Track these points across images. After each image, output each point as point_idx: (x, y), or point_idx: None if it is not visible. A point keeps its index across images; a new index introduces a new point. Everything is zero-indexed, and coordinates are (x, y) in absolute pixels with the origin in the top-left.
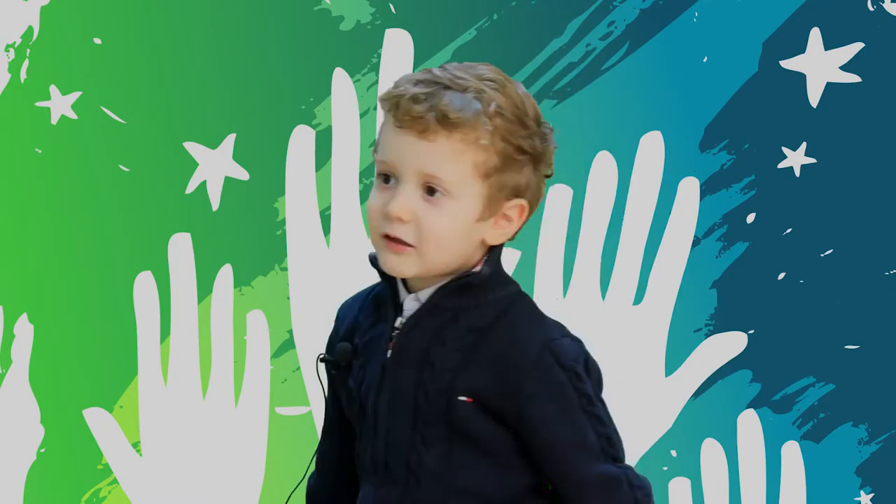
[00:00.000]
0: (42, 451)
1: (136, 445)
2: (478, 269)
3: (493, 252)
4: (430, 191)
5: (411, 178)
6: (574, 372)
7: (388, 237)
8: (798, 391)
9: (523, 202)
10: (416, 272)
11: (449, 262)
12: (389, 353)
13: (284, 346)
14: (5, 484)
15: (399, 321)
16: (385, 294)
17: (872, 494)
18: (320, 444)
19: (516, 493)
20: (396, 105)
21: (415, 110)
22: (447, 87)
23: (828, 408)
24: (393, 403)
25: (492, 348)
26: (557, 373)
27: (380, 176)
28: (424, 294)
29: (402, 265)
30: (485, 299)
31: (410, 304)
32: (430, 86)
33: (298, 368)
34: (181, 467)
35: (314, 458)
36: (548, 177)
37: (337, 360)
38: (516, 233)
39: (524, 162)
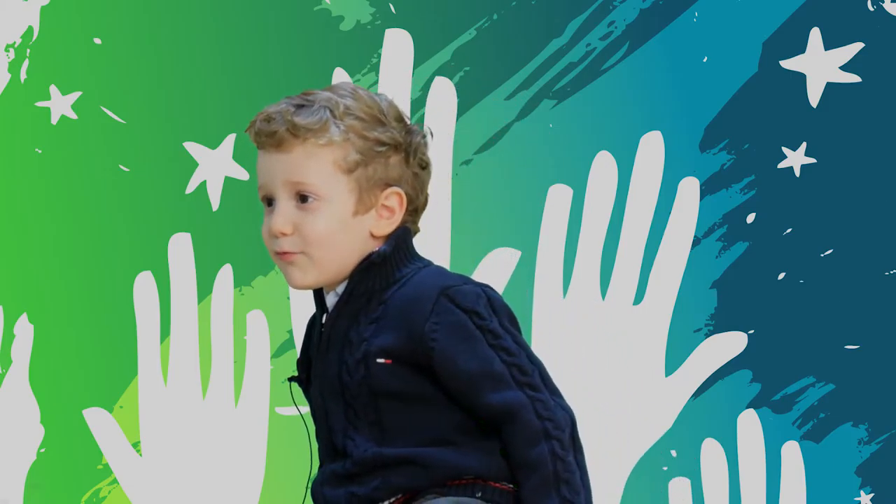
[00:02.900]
0: (42, 451)
1: (136, 445)
2: (375, 249)
3: (394, 233)
4: (303, 198)
5: (283, 192)
6: (474, 311)
7: (278, 253)
8: (798, 391)
9: (398, 190)
10: (316, 278)
11: (342, 258)
12: (319, 345)
13: (284, 346)
14: (5, 484)
15: (324, 317)
16: (316, 300)
17: (872, 494)
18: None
19: (446, 439)
20: (256, 131)
21: (267, 129)
22: (298, 106)
23: (828, 408)
24: (324, 388)
25: (396, 307)
26: (456, 313)
27: (263, 202)
28: (341, 287)
29: (300, 275)
30: (394, 277)
31: (332, 300)
32: (281, 106)
33: None
34: (181, 467)
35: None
36: (424, 168)
37: (299, 375)
38: (406, 221)
39: (387, 153)
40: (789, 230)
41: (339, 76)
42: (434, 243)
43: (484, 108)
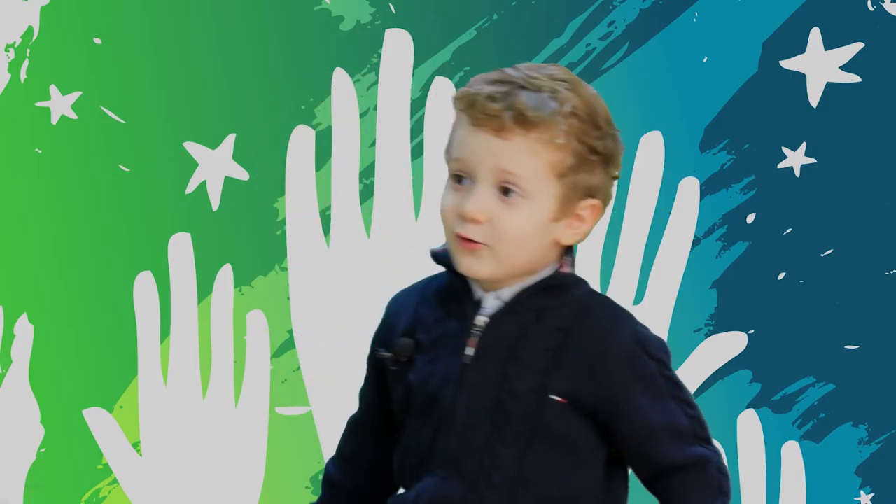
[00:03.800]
0: (42, 451)
1: (136, 445)
2: (566, 270)
3: (571, 252)
4: (505, 191)
5: (486, 178)
6: (661, 361)
7: (461, 237)
8: (798, 391)
9: (596, 202)
10: (491, 272)
11: (524, 262)
12: (471, 350)
13: (284, 346)
14: (5, 484)
15: (481, 319)
16: (458, 290)
17: (872, 494)
18: (354, 441)
19: (585, 492)
20: (472, 104)
21: (491, 108)
22: (522, 87)
23: (828, 408)
24: (473, 401)
25: (582, 347)
26: (647, 364)
27: (453, 176)
28: (507, 293)
29: (477, 265)
30: (566, 299)
31: (492, 303)
32: (505, 85)
33: (298, 368)
34: (181, 467)
35: (341, 449)
36: (615, 178)
37: (398, 355)
38: (588, 233)
39: (597, 162)
40: (789, 230)
41: (339, 76)
42: (434, 243)
43: None
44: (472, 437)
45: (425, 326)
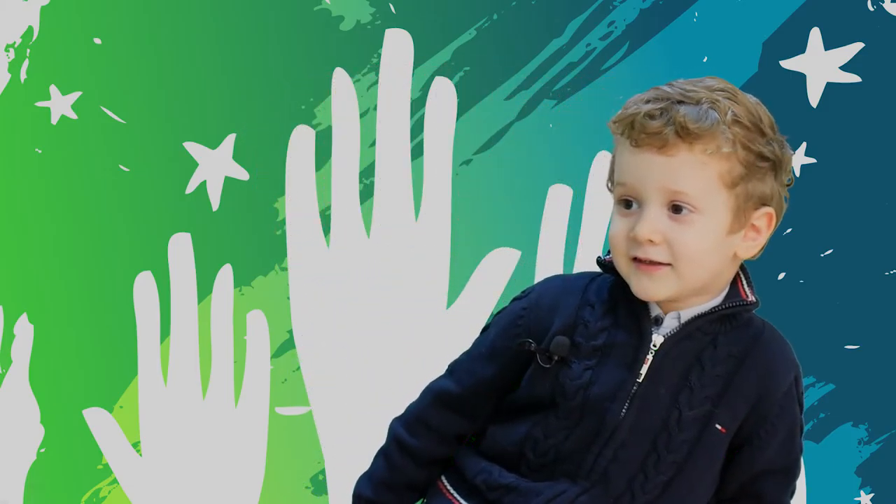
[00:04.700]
0: (42, 451)
1: (136, 445)
2: (750, 299)
3: (746, 273)
4: (676, 209)
5: (655, 198)
6: (802, 406)
7: (638, 260)
8: None
9: (770, 210)
10: (672, 293)
11: (704, 279)
12: (645, 367)
13: (284, 346)
14: (5, 484)
15: (657, 338)
16: (634, 304)
17: (872, 494)
18: (444, 412)
19: None
20: (631, 125)
21: (651, 126)
22: (680, 102)
23: (828, 408)
24: (640, 420)
25: (750, 378)
26: (796, 407)
27: (620, 202)
28: (686, 314)
29: (654, 288)
30: (739, 324)
31: (670, 322)
32: (662, 101)
33: (298, 368)
34: (181, 467)
35: (425, 418)
36: (788, 185)
37: (552, 352)
38: (764, 245)
39: (766, 169)
40: (789, 230)
41: (339, 76)
42: (434, 243)
43: (484, 108)
44: (629, 456)
45: (588, 331)
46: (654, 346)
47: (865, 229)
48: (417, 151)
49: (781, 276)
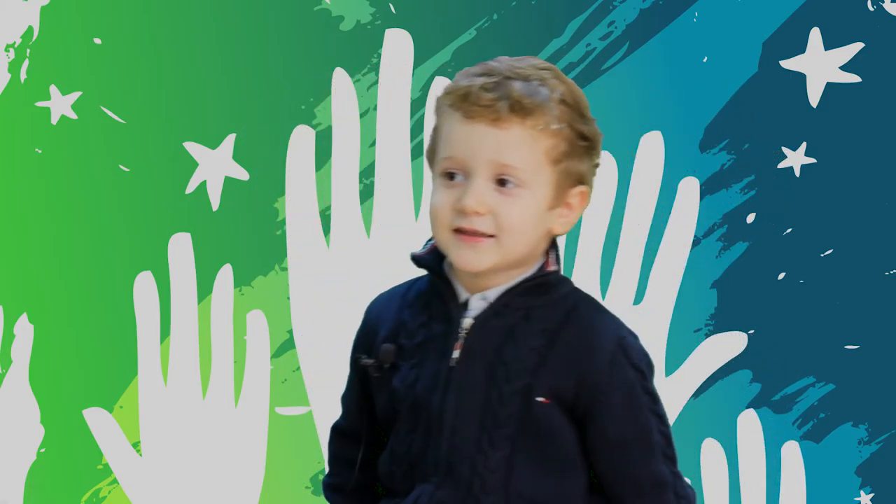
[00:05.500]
0: (42, 451)
1: (136, 445)
2: (552, 268)
3: (555, 248)
4: (502, 182)
5: (483, 171)
6: (642, 371)
7: (461, 231)
8: (798, 391)
9: (585, 189)
10: (492, 264)
11: (523, 252)
12: (456, 352)
13: (284, 346)
14: (5, 484)
15: (467, 321)
16: (442, 293)
17: (872, 494)
18: (343, 444)
19: (571, 495)
20: (465, 97)
21: (486, 98)
22: (510, 77)
23: (828, 408)
24: (461, 404)
25: (567, 348)
26: (628, 371)
27: (444, 175)
28: (493, 293)
29: (478, 258)
30: (552, 297)
31: (477, 304)
32: (496, 76)
33: (298, 368)
34: (181, 467)
35: (333, 456)
36: (597, 166)
37: (381, 361)
38: (575, 222)
39: (585, 149)
40: (789, 230)
41: (339, 76)
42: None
43: None
44: (462, 441)
45: (408, 331)
46: (464, 329)
47: (865, 229)
48: (417, 151)
49: (781, 276)
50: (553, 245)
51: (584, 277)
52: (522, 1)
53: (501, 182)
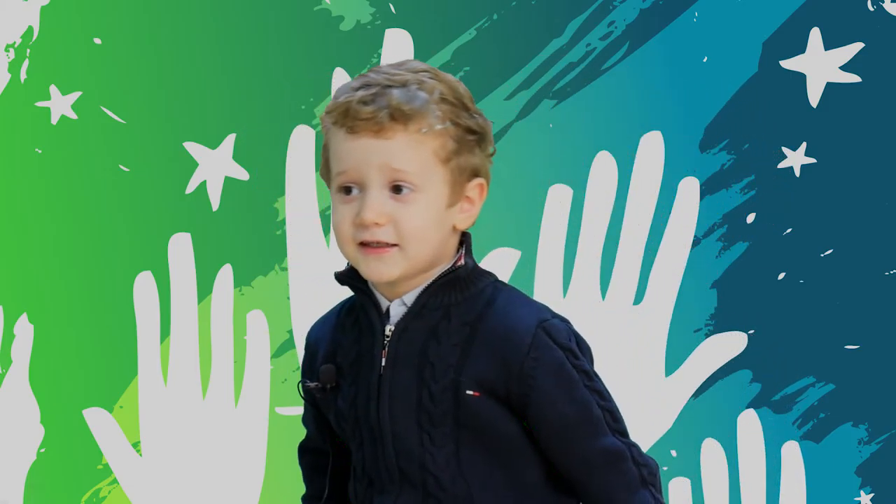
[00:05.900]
0: (42, 451)
1: (136, 445)
2: (461, 262)
3: (467, 243)
4: (397, 189)
5: (376, 181)
6: (570, 350)
7: (365, 245)
8: (798, 391)
9: (482, 181)
10: (402, 272)
11: (430, 255)
12: (383, 360)
13: (284, 346)
14: (5, 484)
15: (388, 328)
16: (366, 306)
17: (872, 494)
18: (309, 458)
19: (531, 485)
20: (345, 113)
21: (365, 112)
22: (388, 86)
23: (828, 408)
24: (395, 409)
25: (488, 337)
26: (554, 351)
27: (341, 190)
28: (410, 297)
29: (386, 268)
30: (470, 292)
31: (397, 310)
32: (373, 87)
33: (298, 368)
34: (181, 467)
35: (305, 476)
36: (491, 155)
37: (322, 383)
38: (477, 215)
39: (475, 142)
40: (789, 230)
41: (340, 76)
42: None
43: (484, 108)
44: (406, 444)
45: (343, 350)
46: (388, 336)
47: (865, 229)
48: None
49: (781, 276)
50: (463, 242)
51: (584, 277)
52: (522, 1)
53: (397, 189)
